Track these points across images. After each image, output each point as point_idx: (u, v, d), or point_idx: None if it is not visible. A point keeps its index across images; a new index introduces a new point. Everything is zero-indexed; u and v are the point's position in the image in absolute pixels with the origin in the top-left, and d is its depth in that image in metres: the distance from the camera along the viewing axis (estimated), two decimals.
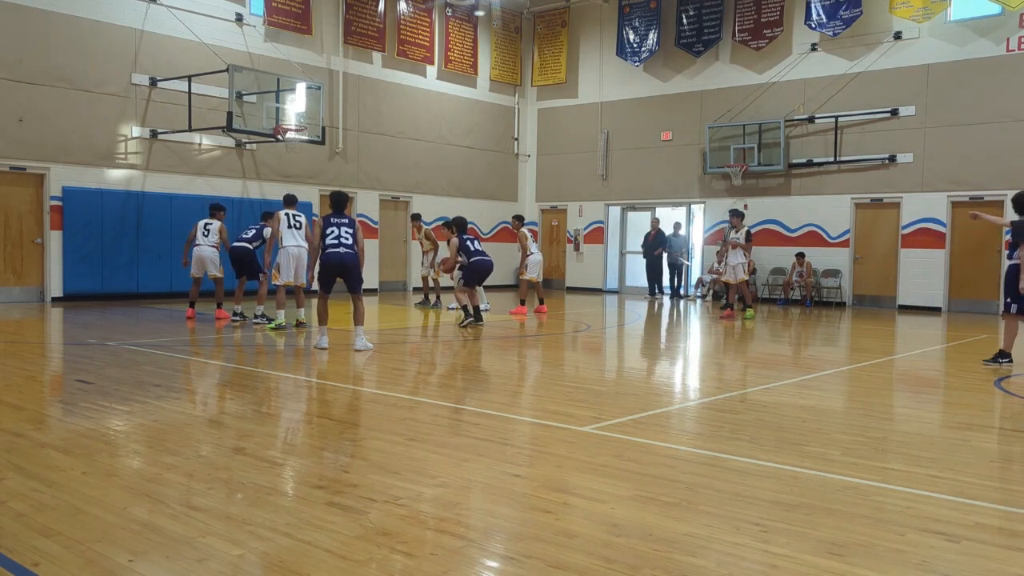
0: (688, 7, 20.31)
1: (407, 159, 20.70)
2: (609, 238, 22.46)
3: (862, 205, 18.37)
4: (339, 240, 9.66)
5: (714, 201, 20.38)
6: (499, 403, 6.90)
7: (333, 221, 9.79)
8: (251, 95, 15.98)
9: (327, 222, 9.78)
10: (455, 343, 10.96)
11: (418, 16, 20.64)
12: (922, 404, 7.41)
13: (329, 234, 9.67)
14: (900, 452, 5.32)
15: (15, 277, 14.90)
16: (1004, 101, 16.43)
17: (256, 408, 6.46)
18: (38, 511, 3.83)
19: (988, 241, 16.87)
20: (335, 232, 9.69)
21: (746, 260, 14.77)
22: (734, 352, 11.01)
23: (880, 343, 12.21)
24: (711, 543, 3.56)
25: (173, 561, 3.28)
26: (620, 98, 21.88)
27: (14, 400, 6.45)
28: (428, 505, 4.04)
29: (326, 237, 9.68)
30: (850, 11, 17.85)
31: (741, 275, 14.76)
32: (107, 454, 4.92)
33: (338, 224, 9.76)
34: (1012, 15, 16.25)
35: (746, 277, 14.93)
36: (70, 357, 9.11)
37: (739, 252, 14.67)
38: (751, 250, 15.11)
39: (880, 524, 3.84)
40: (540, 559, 3.34)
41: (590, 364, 9.81)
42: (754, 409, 6.65)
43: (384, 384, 7.97)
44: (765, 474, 4.69)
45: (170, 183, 16.38)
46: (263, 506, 3.96)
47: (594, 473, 4.64)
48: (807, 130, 18.90)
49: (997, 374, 8.68)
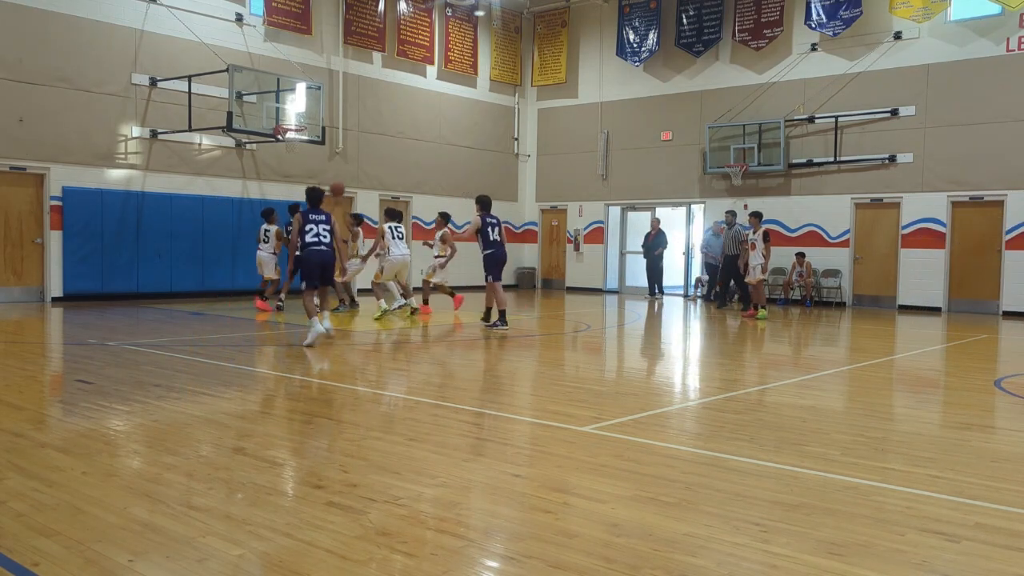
0: (688, 7, 20.31)
1: (407, 159, 20.70)
2: (609, 238, 22.46)
3: (862, 205, 18.37)
4: (319, 239, 9.95)
5: (714, 201, 20.38)
6: (499, 403, 6.90)
7: (312, 218, 9.99)
8: (251, 95, 15.98)
9: (306, 218, 9.98)
10: (455, 343, 10.96)
11: (418, 16, 20.65)
12: (922, 404, 7.41)
13: (309, 231, 9.92)
14: (900, 452, 5.32)
15: (15, 277, 14.89)
16: (1004, 101, 16.42)
17: (256, 408, 6.46)
18: (38, 511, 3.83)
19: (988, 241, 16.86)
20: (314, 230, 9.94)
21: (764, 260, 14.78)
22: (734, 352, 11.01)
23: (880, 343, 12.21)
24: (711, 543, 3.56)
25: (173, 561, 3.28)
26: (620, 98, 21.88)
27: (14, 400, 6.45)
28: (428, 505, 4.04)
29: (306, 235, 9.92)
30: (850, 11, 17.85)
31: (759, 275, 14.79)
32: (107, 454, 4.92)
33: (316, 221, 9.98)
34: (1012, 15, 16.24)
35: (763, 277, 14.96)
36: (70, 357, 9.11)
37: (758, 252, 14.71)
38: (770, 250, 15.14)
39: (880, 524, 3.84)
40: (540, 559, 3.35)
41: (590, 364, 9.81)
42: (754, 409, 6.65)
43: (384, 384, 7.98)
44: (765, 474, 4.69)
45: (170, 183, 16.38)
46: (263, 506, 3.96)
47: (594, 473, 4.64)
48: (807, 130, 18.90)
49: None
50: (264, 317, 13.31)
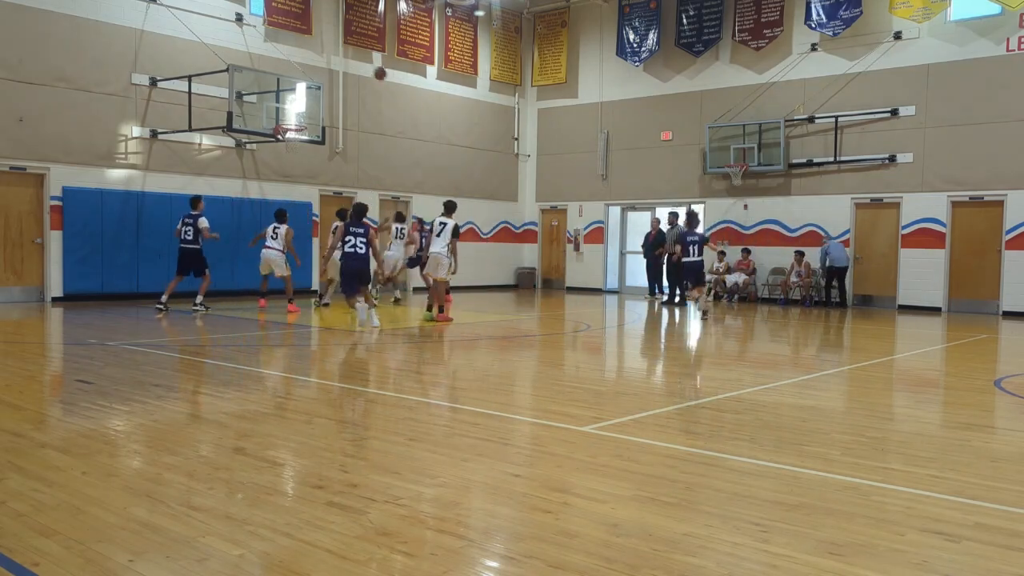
0: (688, 7, 20.31)
1: (407, 159, 20.70)
2: (609, 238, 22.45)
3: (862, 205, 18.37)
4: (355, 249, 11.63)
5: (714, 201, 20.38)
6: (499, 403, 6.90)
7: (352, 230, 11.68)
8: (251, 95, 15.97)
9: (347, 230, 11.70)
10: (454, 343, 10.96)
11: (418, 16, 20.64)
12: (922, 404, 7.41)
13: (348, 242, 11.64)
14: (900, 452, 5.32)
15: (15, 277, 14.89)
16: (1004, 101, 16.42)
17: (256, 408, 6.46)
18: (38, 511, 3.83)
19: (988, 241, 16.86)
20: (352, 241, 11.64)
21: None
22: (734, 352, 11.01)
23: (880, 343, 12.20)
24: (711, 543, 3.56)
25: (173, 561, 3.28)
26: (620, 98, 21.88)
27: (14, 400, 6.45)
28: (428, 505, 4.04)
29: (345, 245, 11.66)
30: (850, 11, 17.85)
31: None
32: (107, 454, 4.92)
33: (355, 234, 11.65)
34: (1012, 15, 16.24)
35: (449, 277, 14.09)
36: (70, 357, 9.11)
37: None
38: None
39: (880, 524, 3.84)
40: (540, 559, 3.35)
41: (590, 364, 9.81)
42: (754, 409, 6.65)
43: (384, 384, 7.98)
44: (765, 474, 4.69)
45: (170, 183, 16.37)
46: (263, 506, 3.96)
47: (594, 473, 4.64)
48: (807, 130, 18.90)
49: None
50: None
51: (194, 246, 13.78)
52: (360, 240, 11.59)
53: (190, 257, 13.83)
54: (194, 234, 13.75)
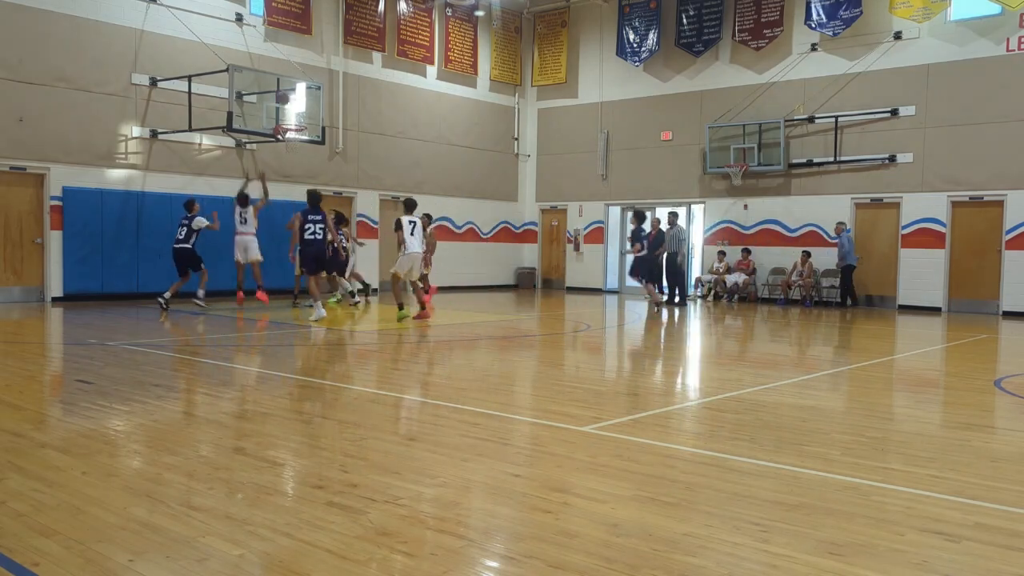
0: (688, 7, 20.31)
1: (407, 159, 20.70)
2: (609, 238, 22.45)
3: (862, 205, 18.37)
4: (314, 236, 12.55)
5: (714, 201, 20.38)
6: (499, 403, 6.90)
7: (309, 218, 12.60)
8: (251, 95, 15.97)
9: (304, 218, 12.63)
10: (454, 343, 10.96)
11: (418, 16, 20.64)
12: (922, 404, 7.40)
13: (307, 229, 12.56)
14: (900, 452, 5.32)
15: (15, 277, 14.89)
16: (1004, 101, 16.42)
17: (256, 408, 6.46)
18: (38, 511, 3.83)
19: (988, 241, 16.87)
20: (311, 228, 12.57)
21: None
22: (734, 352, 11.01)
23: (880, 343, 12.20)
24: (711, 543, 3.56)
25: (173, 561, 3.28)
26: (620, 98, 21.88)
27: (14, 400, 6.45)
28: (428, 505, 4.04)
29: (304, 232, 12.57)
30: (850, 11, 17.85)
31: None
32: (107, 454, 4.92)
33: (313, 221, 12.59)
34: (1012, 15, 16.24)
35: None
36: (70, 357, 9.11)
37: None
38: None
39: (880, 524, 3.84)
40: (540, 559, 3.34)
41: (590, 364, 9.81)
42: (754, 409, 6.65)
43: (384, 384, 7.97)
44: (765, 474, 4.69)
45: (170, 183, 16.38)
46: (263, 506, 3.96)
47: (594, 473, 4.64)
48: (807, 130, 18.90)
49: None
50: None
51: (185, 246, 13.98)
52: (319, 227, 12.61)
53: (183, 257, 14.01)
54: (186, 234, 13.96)
